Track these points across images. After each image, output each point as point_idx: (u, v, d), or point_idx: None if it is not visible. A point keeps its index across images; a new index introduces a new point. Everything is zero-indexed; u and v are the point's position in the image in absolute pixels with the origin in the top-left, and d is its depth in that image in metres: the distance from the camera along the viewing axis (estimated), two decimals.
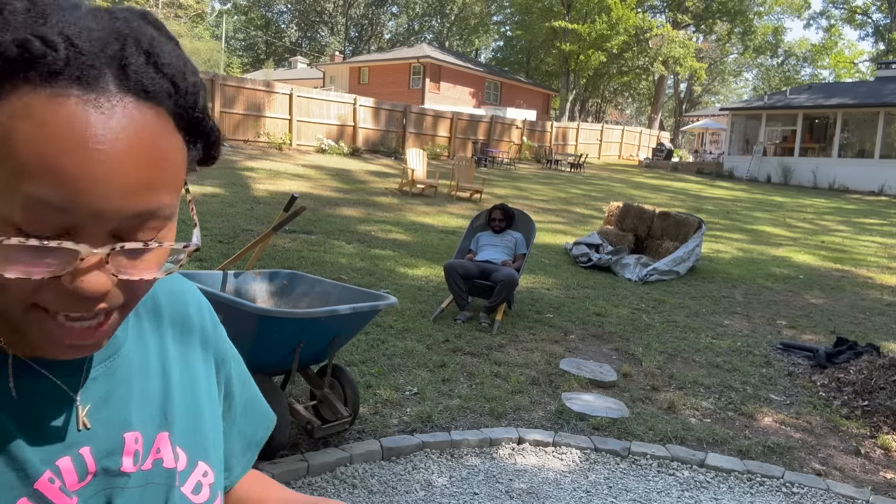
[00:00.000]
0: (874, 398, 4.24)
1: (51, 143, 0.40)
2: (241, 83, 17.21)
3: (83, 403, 0.53)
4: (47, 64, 0.40)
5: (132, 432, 0.56)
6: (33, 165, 0.40)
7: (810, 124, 26.54)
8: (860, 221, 15.63)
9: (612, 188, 19.05)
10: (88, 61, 0.41)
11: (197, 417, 0.62)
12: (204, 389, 0.65)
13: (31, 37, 0.40)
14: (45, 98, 0.40)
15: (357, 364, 4.16)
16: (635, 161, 32.24)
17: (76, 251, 0.42)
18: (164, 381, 0.60)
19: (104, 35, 0.43)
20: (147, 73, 0.44)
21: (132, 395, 0.57)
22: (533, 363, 4.56)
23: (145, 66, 0.44)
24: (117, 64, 0.43)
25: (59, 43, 0.41)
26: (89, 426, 0.53)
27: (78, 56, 0.41)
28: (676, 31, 38.61)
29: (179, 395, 0.61)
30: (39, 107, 0.40)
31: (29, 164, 0.40)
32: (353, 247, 7.72)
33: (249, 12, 58.21)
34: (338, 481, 2.87)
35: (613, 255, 8.32)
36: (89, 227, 0.43)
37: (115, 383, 0.56)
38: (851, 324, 6.45)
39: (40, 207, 0.41)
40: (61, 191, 0.40)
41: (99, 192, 0.41)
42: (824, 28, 51.45)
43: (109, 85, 0.42)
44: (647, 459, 3.37)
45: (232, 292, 3.36)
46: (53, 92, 0.40)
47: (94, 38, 0.42)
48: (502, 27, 52.98)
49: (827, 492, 3.19)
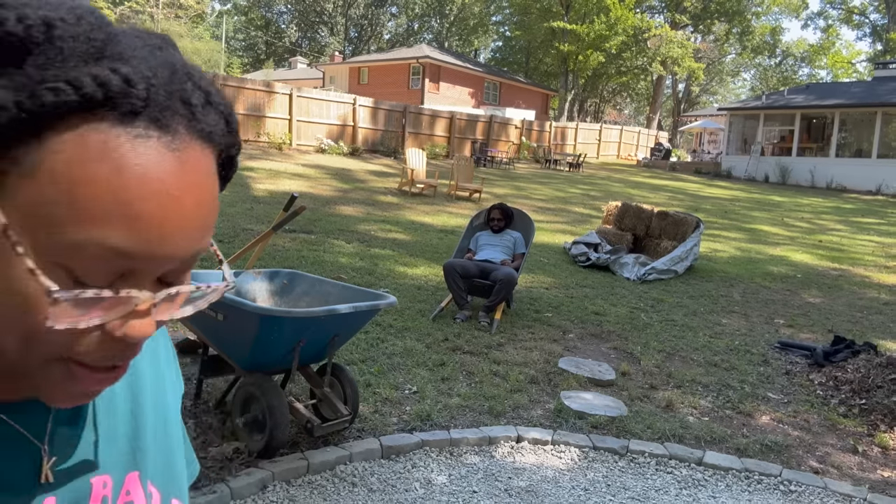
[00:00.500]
0: (871, 396, 4.26)
1: (131, 189, 0.37)
2: (241, 83, 17.20)
3: (49, 452, 0.48)
4: (129, 103, 0.38)
5: (100, 476, 0.51)
6: (109, 212, 0.37)
7: (808, 124, 26.58)
8: (858, 221, 15.66)
9: (611, 188, 19.07)
10: (164, 101, 0.39)
11: (168, 448, 0.59)
12: (173, 410, 0.61)
13: (110, 71, 0.37)
14: (126, 140, 0.38)
15: (357, 363, 4.17)
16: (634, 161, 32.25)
17: (133, 298, 0.40)
18: (133, 412, 0.56)
19: (165, 70, 0.40)
20: (209, 114, 0.42)
21: (100, 435, 0.52)
22: (532, 362, 4.57)
23: (205, 106, 0.42)
24: (183, 104, 0.41)
25: (139, 81, 0.38)
26: (52, 480, 0.48)
27: (156, 95, 0.39)
28: (675, 32, 38.64)
29: (152, 423, 0.57)
30: (121, 149, 0.37)
31: (104, 210, 0.37)
32: (353, 246, 7.73)
33: (249, 13, 58.19)
34: (337, 480, 2.88)
35: (612, 255, 8.34)
36: (146, 272, 0.40)
37: (81, 424, 0.51)
38: (849, 322, 6.47)
39: (107, 254, 0.38)
40: (137, 238, 0.38)
41: (174, 239, 0.40)
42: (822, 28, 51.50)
43: (180, 127, 0.40)
44: (646, 458, 3.38)
45: (232, 292, 3.38)
46: (136, 133, 0.38)
47: (162, 75, 0.40)
48: (501, 27, 53.02)
49: (824, 490, 3.21)
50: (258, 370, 3.03)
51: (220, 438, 3.02)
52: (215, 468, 2.76)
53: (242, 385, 3.04)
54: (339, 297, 3.27)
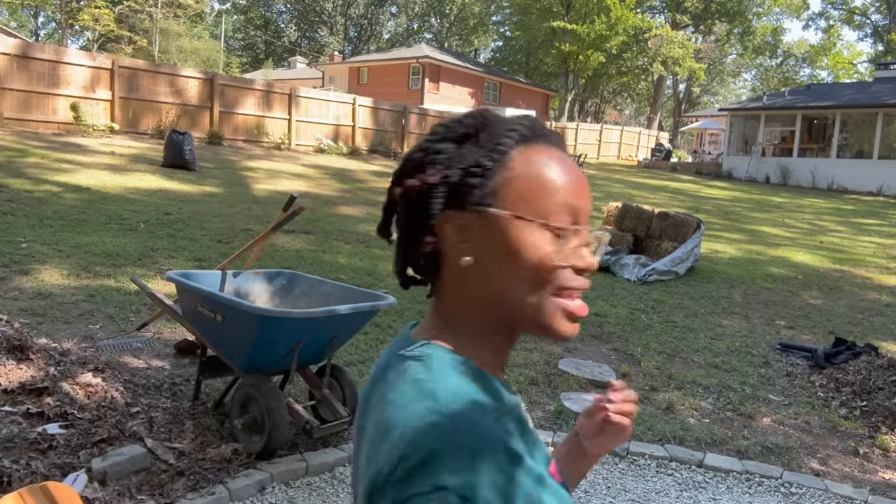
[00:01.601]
0: (873, 398, 4.25)
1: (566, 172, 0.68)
2: (240, 83, 17.20)
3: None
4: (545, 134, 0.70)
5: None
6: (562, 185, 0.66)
7: (809, 125, 26.57)
8: (858, 222, 15.65)
9: (611, 188, 19.06)
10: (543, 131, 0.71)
11: None
12: None
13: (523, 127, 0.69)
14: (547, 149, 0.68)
15: (356, 364, 4.16)
16: (634, 161, 32.25)
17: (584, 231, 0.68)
18: None
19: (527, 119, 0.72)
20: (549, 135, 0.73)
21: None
22: (532, 363, 4.56)
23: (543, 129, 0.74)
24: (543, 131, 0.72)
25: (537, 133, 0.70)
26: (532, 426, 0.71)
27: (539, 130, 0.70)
28: (675, 32, 38.62)
29: None
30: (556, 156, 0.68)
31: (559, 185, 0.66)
32: (353, 247, 7.72)
33: (249, 12, 58.18)
34: (336, 481, 2.87)
35: (612, 256, 8.33)
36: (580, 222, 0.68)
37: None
38: (850, 324, 6.46)
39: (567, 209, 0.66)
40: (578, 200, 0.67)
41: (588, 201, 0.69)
42: (823, 29, 51.49)
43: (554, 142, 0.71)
44: (646, 459, 3.37)
45: (231, 292, 3.36)
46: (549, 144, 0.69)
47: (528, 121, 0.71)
48: (501, 27, 53.00)
49: (825, 492, 3.20)
50: (257, 371, 3.01)
51: (219, 440, 3.00)
52: (214, 469, 2.75)
53: (241, 386, 3.03)
54: (339, 297, 3.26)
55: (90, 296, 4.90)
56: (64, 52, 14.08)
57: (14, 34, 29.83)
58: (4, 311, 4.16)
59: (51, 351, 3.37)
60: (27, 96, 12.89)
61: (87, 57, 14.42)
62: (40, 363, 3.16)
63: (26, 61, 12.78)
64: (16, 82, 12.68)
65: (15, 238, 6.10)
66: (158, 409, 3.22)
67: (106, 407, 3.02)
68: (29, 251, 5.74)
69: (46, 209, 7.37)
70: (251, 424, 2.95)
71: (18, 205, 7.38)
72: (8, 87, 12.57)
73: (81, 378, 3.15)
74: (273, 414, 2.83)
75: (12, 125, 12.62)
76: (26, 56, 12.82)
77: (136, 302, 4.89)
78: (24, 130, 12.62)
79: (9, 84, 12.58)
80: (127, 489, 2.53)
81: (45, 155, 10.53)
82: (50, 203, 7.70)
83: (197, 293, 3.01)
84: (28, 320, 4.18)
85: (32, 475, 2.45)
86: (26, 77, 12.81)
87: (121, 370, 3.52)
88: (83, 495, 2.39)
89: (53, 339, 3.83)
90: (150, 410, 3.17)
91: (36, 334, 3.75)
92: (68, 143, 12.16)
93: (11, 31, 32.36)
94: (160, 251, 6.38)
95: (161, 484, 2.60)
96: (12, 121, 12.70)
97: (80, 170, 9.97)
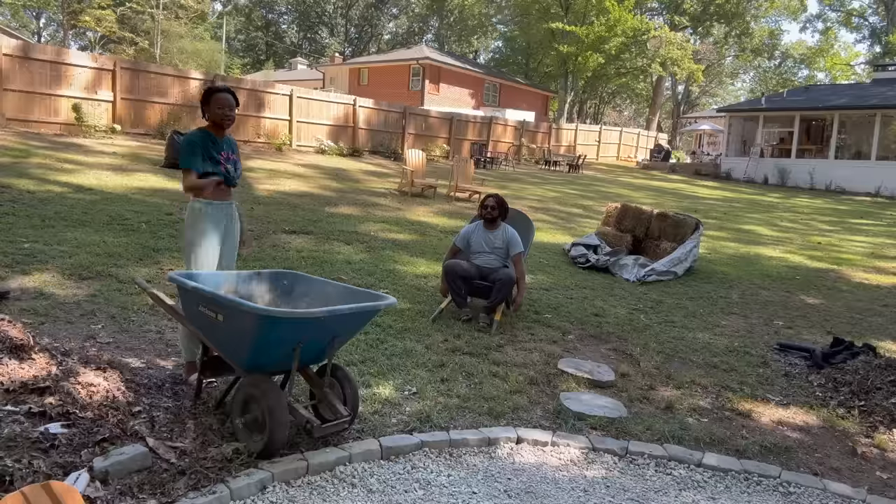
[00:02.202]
0: (871, 398, 4.27)
1: None
2: (241, 84, 17.22)
3: None
4: None
5: None
6: None
7: (807, 126, 26.60)
8: (856, 222, 15.67)
9: (610, 189, 19.07)
10: None
11: None
12: None
13: None
14: None
15: (356, 364, 4.17)
16: (633, 162, 32.24)
17: None
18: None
19: None
20: None
21: None
22: (531, 363, 4.58)
23: None
24: None
25: None
26: None
27: None
28: (674, 33, 38.65)
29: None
30: None
31: None
32: (353, 247, 7.73)
33: (250, 14, 58.21)
34: (337, 480, 2.89)
35: (611, 256, 8.35)
36: None
37: None
38: (848, 324, 6.48)
39: None
40: None
41: None
42: (820, 31, 51.54)
43: None
44: (645, 459, 3.39)
45: (231, 292, 3.38)
46: None
47: None
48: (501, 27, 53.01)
49: (824, 491, 3.21)
50: (258, 371, 3.03)
51: (220, 439, 3.02)
52: (215, 469, 2.76)
53: (242, 386, 3.05)
54: (339, 297, 3.27)
55: (92, 296, 4.91)
56: (66, 52, 14.11)
57: (16, 35, 29.84)
58: (6, 311, 4.17)
59: (53, 351, 3.39)
60: (29, 97, 12.91)
61: (89, 58, 14.46)
62: (42, 363, 3.17)
63: (28, 62, 12.80)
64: (18, 83, 12.70)
65: (17, 238, 6.11)
66: (160, 408, 3.24)
67: (108, 406, 3.03)
68: (31, 251, 5.75)
69: (48, 209, 7.39)
70: (252, 424, 2.96)
71: (20, 205, 7.39)
72: (10, 87, 12.60)
73: (83, 377, 3.17)
74: (274, 413, 2.85)
75: (14, 126, 12.65)
76: (28, 57, 12.84)
77: (137, 302, 4.91)
78: (27, 131, 12.64)
79: (11, 85, 12.61)
80: (128, 488, 2.55)
81: (47, 155, 10.55)
82: (52, 203, 7.72)
83: (198, 293, 3.03)
84: (30, 320, 4.20)
85: (34, 474, 2.46)
86: (28, 78, 12.84)
87: (123, 370, 3.54)
88: (85, 494, 2.41)
89: (55, 339, 3.85)
90: (152, 410, 3.19)
91: (38, 334, 3.77)
92: (70, 143, 12.18)
93: (13, 32, 32.37)
94: (162, 251, 6.40)
95: (162, 483, 2.61)
96: (14, 121, 12.72)
97: (81, 170, 9.99)
